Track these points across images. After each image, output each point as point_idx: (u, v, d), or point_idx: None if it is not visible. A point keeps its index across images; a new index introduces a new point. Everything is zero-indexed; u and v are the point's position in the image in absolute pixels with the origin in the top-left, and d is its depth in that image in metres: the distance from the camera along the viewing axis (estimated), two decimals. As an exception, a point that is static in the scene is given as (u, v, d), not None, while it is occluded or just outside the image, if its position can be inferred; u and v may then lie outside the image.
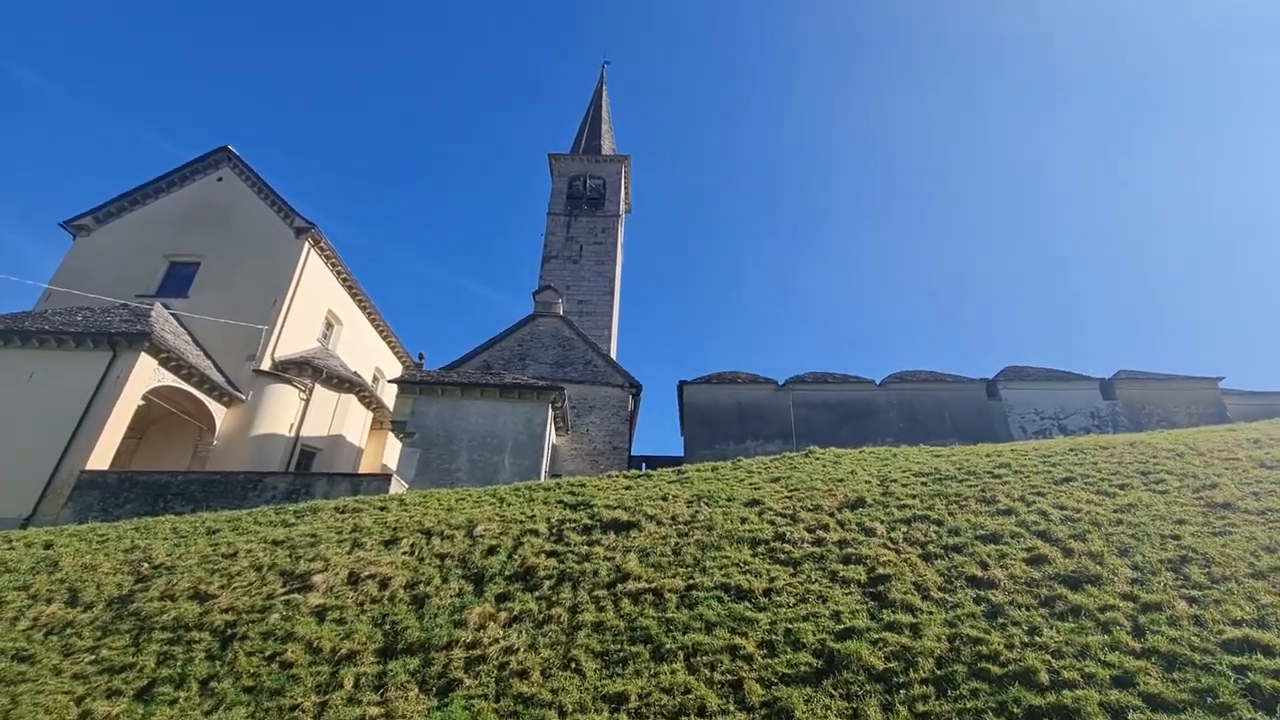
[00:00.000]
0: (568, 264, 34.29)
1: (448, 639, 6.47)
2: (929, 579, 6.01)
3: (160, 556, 10.02)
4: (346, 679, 6.00)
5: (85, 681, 6.82)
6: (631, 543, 8.32)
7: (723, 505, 9.42)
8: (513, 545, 8.88)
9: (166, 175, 23.87)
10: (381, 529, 10.10)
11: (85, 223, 22.82)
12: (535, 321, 20.97)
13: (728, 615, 5.93)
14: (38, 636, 8.09)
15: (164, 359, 16.60)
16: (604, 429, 18.73)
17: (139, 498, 13.89)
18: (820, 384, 18.31)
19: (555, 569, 7.86)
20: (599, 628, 6.17)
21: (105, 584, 9.30)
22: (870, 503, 8.59)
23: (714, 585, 6.62)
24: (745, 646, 5.34)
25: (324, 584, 8.20)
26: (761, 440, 17.45)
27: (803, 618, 5.66)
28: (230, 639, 7.18)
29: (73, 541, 11.24)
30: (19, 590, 9.40)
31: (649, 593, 6.71)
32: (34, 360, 16.03)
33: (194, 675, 6.53)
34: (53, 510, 13.99)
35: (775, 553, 7.31)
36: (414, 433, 15.73)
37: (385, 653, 6.50)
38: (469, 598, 7.44)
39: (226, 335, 20.34)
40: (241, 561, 9.35)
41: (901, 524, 7.65)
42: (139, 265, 21.95)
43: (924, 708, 4.21)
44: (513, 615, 6.83)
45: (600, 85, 45.32)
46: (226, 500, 13.66)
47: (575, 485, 12.08)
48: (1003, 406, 17.61)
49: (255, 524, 11.35)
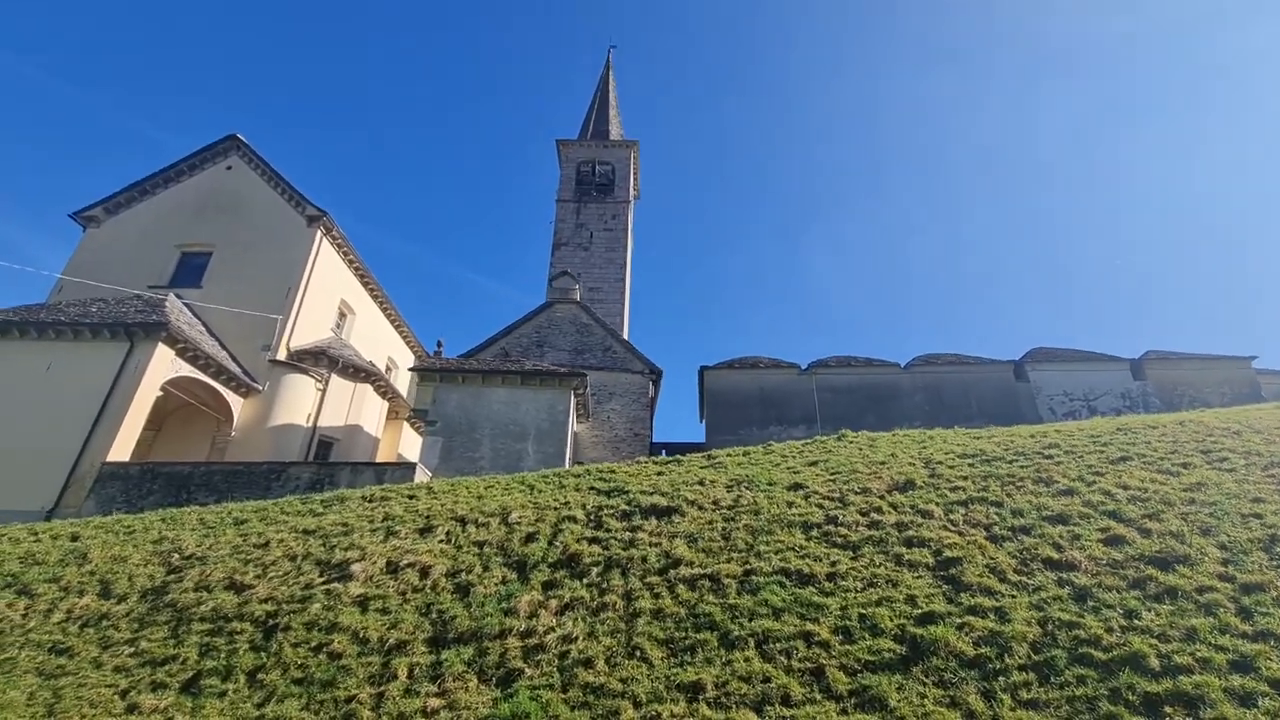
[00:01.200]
0: (578, 251, 33.94)
1: (499, 628, 6.29)
2: (1002, 561, 5.78)
3: (190, 547, 9.87)
4: (400, 669, 5.82)
5: (127, 674, 6.66)
6: (676, 528, 8.11)
7: (764, 489, 9.20)
8: (552, 532, 8.68)
9: (175, 165, 23.57)
10: (414, 517, 9.92)
11: (95, 214, 22.57)
12: (552, 308, 20.71)
13: (794, 600, 5.72)
14: (73, 629, 7.95)
15: (181, 349, 16.42)
16: (625, 416, 18.51)
17: (162, 489, 13.75)
18: (844, 368, 18.04)
19: (600, 555, 7.66)
20: (658, 615, 5.97)
21: (137, 575, 9.15)
22: (920, 485, 8.36)
23: (773, 570, 6.41)
24: (819, 633, 5.13)
25: (363, 573, 8.03)
26: (785, 425, 17.23)
27: (875, 602, 5.44)
28: (273, 630, 7.01)
29: (100, 533, 11.11)
30: (49, 582, 9.26)
31: (705, 579, 6.51)
32: (50, 352, 15.86)
33: (240, 667, 6.36)
34: (75, 502, 13.86)
35: (830, 536, 7.09)
36: (436, 421, 15.54)
37: (436, 642, 6.31)
38: (514, 586, 7.25)
39: (240, 325, 20.14)
40: (275, 551, 9.18)
41: (958, 506, 7.42)
42: (150, 256, 21.71)
43: (1028, 695, 3.99)
44: (564, 603, 6.64)
45: (606, 70, 44.71)
46: (250, 490, 13.50)
47: (605, 471, 11.89)
48: (1030, 388, 17.34)
49: (283, 514, 11.20)
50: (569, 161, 37.06)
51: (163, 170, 23.49)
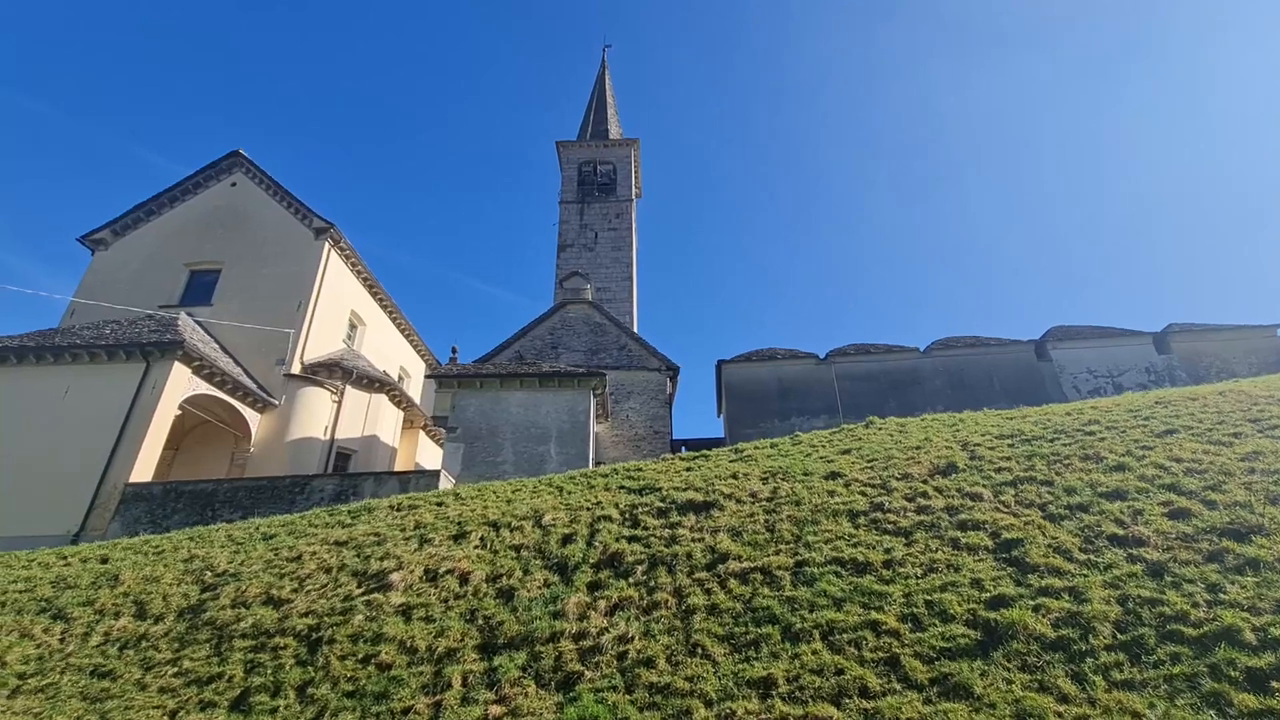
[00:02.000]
0: (584, 252, 33.86)
1: (550, 631, 6.16)
2: (1065, 541, 5.63)
3: (222, 564, 9.79)
4: (453, 677, 5.70)
5: (173, 694, 6.56)
6: (716, 523, 7.98)
7: (801, 480, 9.06)
8: (589, 533, 8.56)
9: (180, 184, 23.56)
10: (446, 524, 9.82)
11: (103, 236, 22.58)
12: (565, 309, 20.58)
13: (853, 590, 5.58)
14: (112, 651, 7.86)
15: (197, 367, 16.36)
16: (644, 414, 18.37)
17: (186, 508, 13.68)
18: (863, 355, 17.85)
19: (643, 554, 7.53)
20: (713, 611, 5.84)
21: (171, 595, 9.06)
22: (962, 468, 8.20)
23: (825, 560, 6.27)
24: (885, 621, 4.99)
25: (402, 582, 7.92)
26: (806, 416, 17.06)
27: (939, 588, 5.29)
28: (317, 643, 6.90)
29: (128, 554, 11.04)
30: (84, 606, 9.19)
31: (756, 572, 6.37)
32: (67, 376, 15.83)
33: (288, 682, 6.26)
34: (101, 524, 13.81)
35: (879, 524, 6.95)
36: (456, 427, 15.44)
37: (486, 649, 6.19)
38: (558, 588, 7.12)
39: (253, 341, 20.11)
40: (309, 565, 9.09)
41: (1007, 487, 7.26)
42: (160, 276, 21.71)
43: (1121, 675, 3.85)
44: (612, 603, 6.51)
45: (603, 70, 44.63)
46: (274, 505, 13.42)
47: (632, 470, 11.77)
48: (1053, 367, 17.12)
49: (310, 526, 11.12)
50: (570, 163, 36.98)
51: (168, 190, 23.49)
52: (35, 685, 7.34)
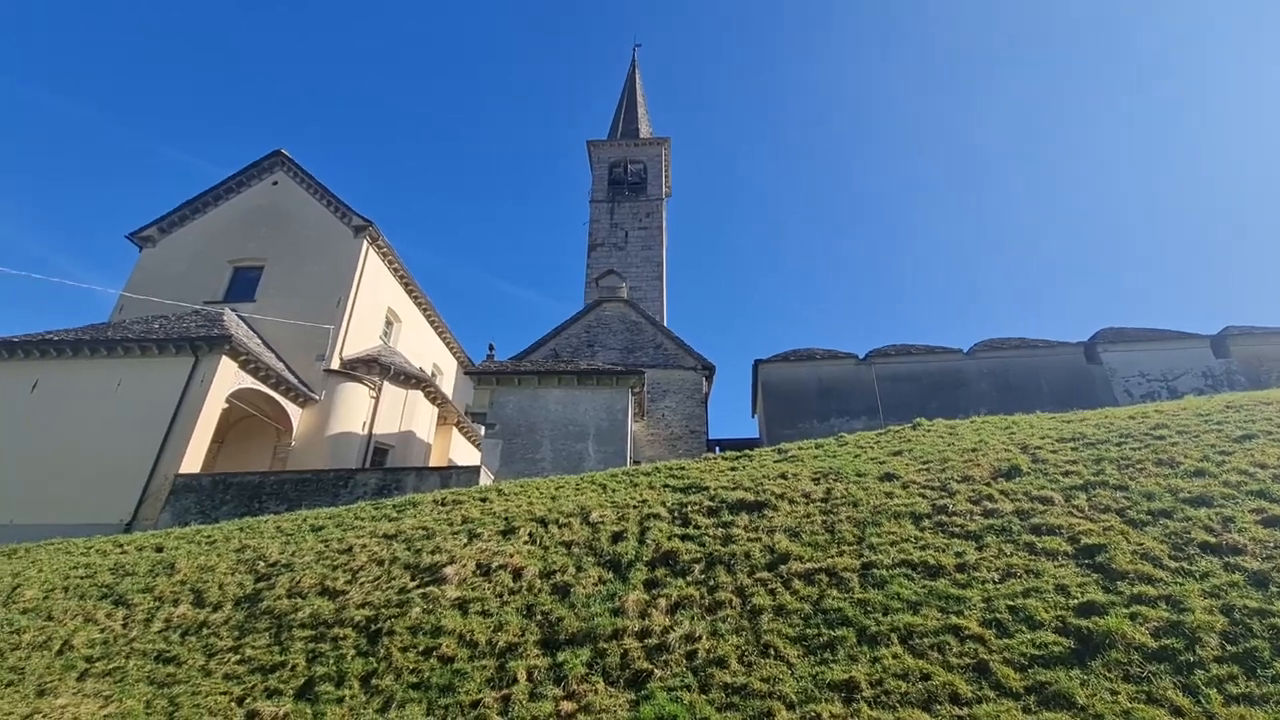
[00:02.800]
0: (614, 251, 33.85)
1: (612, 628, 6.11)
2: (1153, 548, 5.41)
3: (274, 555, 9.94)
4: (518, 672, 5.68)
5: (239, 681, 6.65)
6: (771, 523, 7.86)
7: (854, 481, 8.88)
8: (639, 530, 8.50)
9: (224, 182, 24.10)
10: (493, 519, 9.84)
11: (150, 234, 23.18)
12: (600, 307, 20.57)
13: (928, 593, 5.43)
14: (175, 637, 8.02)
15: (243, 362, 16.69)
16: (680, 413, 18.28)
17: (234, 499, 13.95)
18: (904, 356, 17.53)
19: (698, 553, 7.45)
20: (781, 611, 5.73)
21: (227, 584, 9.22)
22: (1026, 471, 7.96)
23: (894, 563, 6.12)
24: (967, 626, 4.83)
25: (456, 576, 7.94)
26: (846, 417, 16.80)
27: (1021, 594, 5.12)
28: (376, 634, 6.95)
29: (182, 544, 11.28)
30: (143, 593, 9.40)
31: (821, 573, 6.25)
32: (120, 369, 16.26)
33: (352, 673, 6.30)
34: (152, 514, 14.15)
35: (945, 527, 6.77)
36: (495, 424, 15.52)
37: (547, 644, 6.17)
38: (615, 585, 7.07)
39: (293, 336, 20.45)
40: (360, 557, 9.17)
41: (1078, 491, 7.02)
42: (205, 272, 22.21)
43: (1238, 689, 3.66)
44: (672, 602, 6.43)
45: (633, 69, 44.61)
46: (319, 498, 13.62)
47: (675, 468, 11.69)
48: (1104, 370, 16.62)
49: (357, 519, 11.23)
50: (600, 162, 37.01)
51: (212, 188, 24.04)
52: (103, 669, 7.52)
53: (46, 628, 8.67)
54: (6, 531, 13.39)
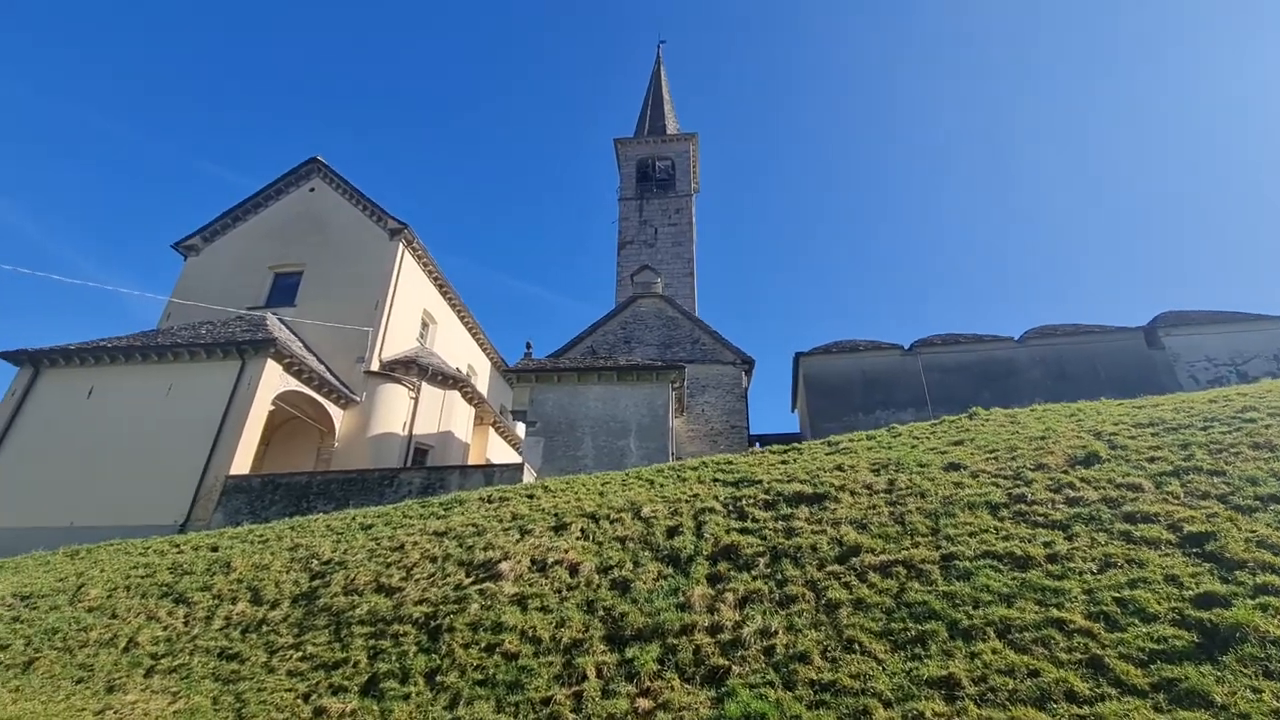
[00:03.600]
0: (644, 248, 33.66)
1: (679, 623, 5.91)
2: (1269, 535, 5.01)
3: (326, 553, 9.97)
4: (587, 668, 5.52)
5: (302, 678, 6.62)
6: (834, 515, 7.57)
7: (917, 471, 8.54)
8: (695, 525, 8.29)
9: (263, 190, 24.57)
10: (542, 515, 9.73)
11: (194, 243, 23.75)
12: (636, 303, 20.41)
13: (1020, 585, 5.11)
14: (235, 634, 8.06)
15: (288, 364, 16.93)
16: (720, 408, 18.01)
17: (283, 499, 14.13)
18: (951, 345, 16.98)
19: (760, 546, 7.20)
20: (860, 605, 5.46)
21: (283, 582, 9.27)
22: (1106, 458, 7.53)
23: (976, 554, 5.80)
24: (1071, 620, 4.51)
25: (511, 572, 7.83)
26: (892, 409, 16.33)
27: (1127, 585, 4.77)
28: (436, 631, 6.86)
29: (236, 543, 11.42)
30: (202, 591, 9.51)
31: (897, 566, 5.96)
32: (170, 373, 16.63)
33: (415, 669, 6.21)
34: (205, 515, 14.40)
35: (1026, 516, 6.41)
36: (535, 421, 15.46)
37: (613, 640, 5.99)
38: (677, 580, 6.87)
39: (333, 339, 20.73)
40: (413, 554, 9.14)
41: (1169, 477, 6.59)
42: (246, 278, 22.66)
43: (1403, 686, 3.30)
44: (739, 596, 6.21)
45: (658, 66, 44.37)
46: (365, 497, 13.71)
47: (722, 463, 11.45)
48: (1166, 356, 15.86)
49: (405, 518, 11.24)
50: (628, 160, 36.86)
51: (251, 197, 24.53)
52: (168, 665, 7.59)
53: (112, 625, 8.82)
54: (68, 534, 13.76)
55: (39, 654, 8.27)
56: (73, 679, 7.56)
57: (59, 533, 13.89)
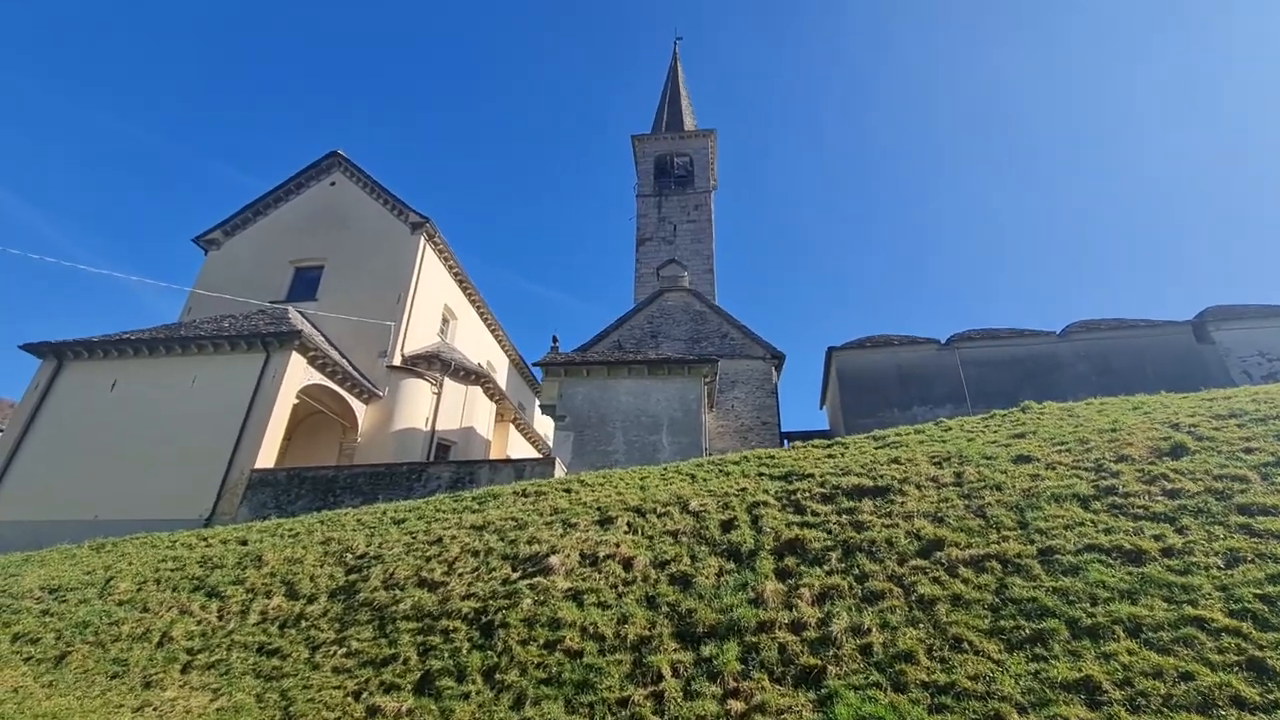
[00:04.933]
0: (663, 245, 33.29)
1: (756, 620, 5.53)
2: None
3: (360, 547, 9.66)
4: (660, 666, 5.14)
5: (350, 675, 6.29)
6: (904, 508, 7.16)
7: (983, 464, 8.11)
8: (749, 519, 7.91)
9: (283, 184, 24.39)
10: (584, 509, 9.37)
11: (215, 237, 23.59)
12: (663, 297, 20.03)
13: (1141, 581, 4.69)
14: (273, 630, 7.75)
15: (312, 358, 16.68)
16: (750, 404, 17.60)
17: (309, 493, 13.85)
18: (990, 340, 16.49)
19: (828, 540, 6.81)
20: (958, 602, 5.06)
21: (318, 576, 8.96)
22: (1193, 449, 7.08)
23: (1078, 548, 5.38)
24: (1212, 618, 4.10)
25: (561, 566, 7.47)
26: (930, 405, 15.87)
27: (1266, 580, 4.35)
28: (489, 627, 6.51)
29: (265, 537, 11.13)
30: (235, 584, 9.21)
31: (991, 560, 5.55)
32: (194, 366, 16.41)
33: (471, 666, 5.86)
34: (230, 509, 14.14)
35: (1122, 509, 5.98)
36: (564, 415, 15.11)
37: (684, 637, 5.62)
38: (743, 575, 6.49)
39: (355, 334, 20.46)
40: (453, 548, 8.80)
41: (1273, 468, 6.15)
42: (268, 272, 22.46)
43: None
44: (816, 592, 5.82)
45: (674, 62, 44.03)
46: (393, 491, 13.40)
47: (765, 457, 11.07)
48: (1217, 350, 15.31)
49: (438, 512, 10.92)
50: (645, 156, 36.54)
51: (272, 191, 24.35)
52: (205, 661, 7.28)
53: (144, 619, 8.52)
54: (93, 527, 13.53)
55: (70, 648, 7.98)
56: (107, 674, 7.25)
57: (83, 526, 13.67)
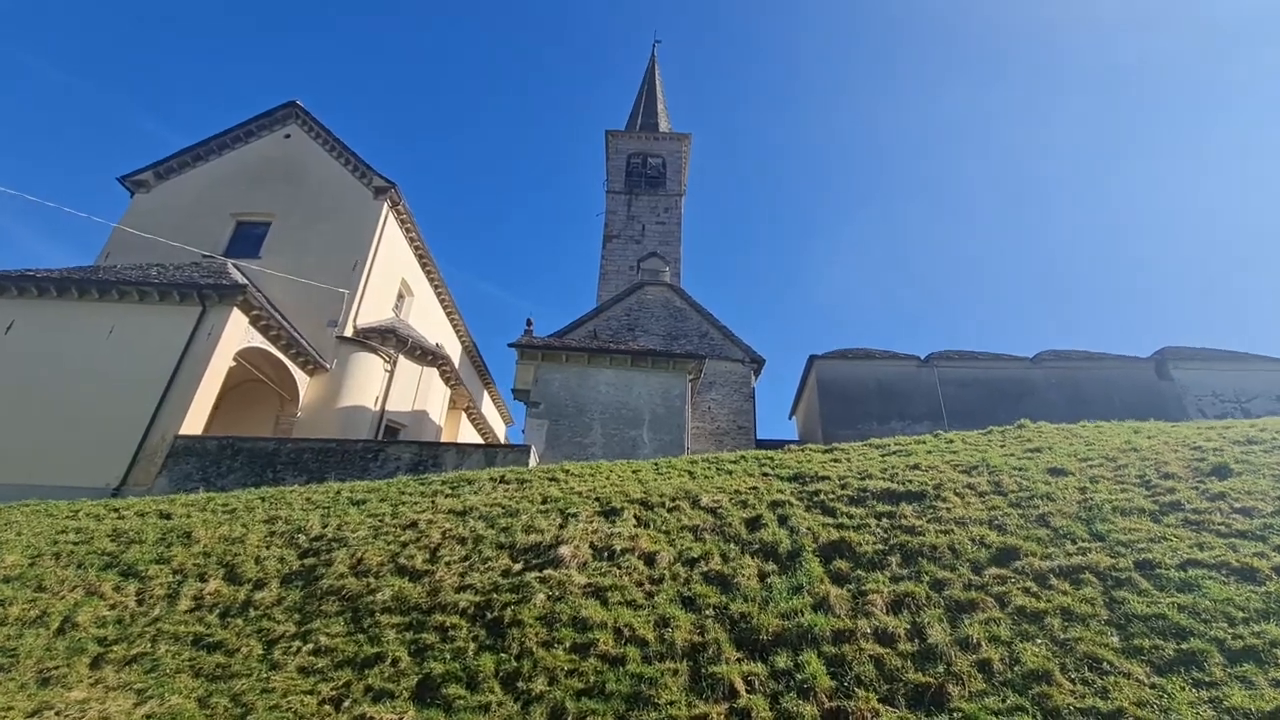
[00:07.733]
0: (630, 244, 32.53)
1: (829, 629, 4.79)
2: None
3: (316, 528, 8.38)
4: (730, 678, 4.32)
5: (322, 677, 5.12)
6: (952, 514, 6.66)
7: (1015, 473, 7.76)
8: (776, 518, 7.25)
9: (230, 130, 22.07)
10: (581, 500, 8.46)
11: (145, 178, 21.05)
12: (643, 290, 19.23)
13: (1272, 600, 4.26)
14: (213, 619, 6.42)
15: (255, 317, 14.89)
16: (727, 407, 17.02)
17: (244, 467, 12.18)
18: (968, 361, 16.62)
19: (878, 544, 6.21)
20: (1070, 616, 4.49)
21: (265, 558, 7.64)
22: (1237, 470, 6.92)
23: (1179, 563, 4.96)
24: (1377, 643, 3.67)
25: (573, 559, 6.53)
26: (908, 420, 15.78)
27: None
28: (498, 625, 5.50)
29: (193, 511, 9.57)
30: (158, 564, 7.75)
31: (1085, 572, 5.04)
32: (114, 314, 14.30)
33: (484, 672, 4.84)
34: (145, 479, 12.26)
35: (1201, 525, 5.64)
36: (539, 402, 14.03)
37: (745, 645, 4.82)
38: (793, 577, 5.77)
39: (301, 299, 18.54)
40: (433, 534, 7.68)
41: (1332, 492, 5.98)
42: (205, 223, 20.13)
43: None
44: (888, 600, 5.16)
45: (652, 65, 43.59)
46: (345, 470, 11.95)
47: (764, 458, 10.51)
48: (1175, 388, 15.97)
49: (403, 494, 9.71)
50: (618, 153, 35.78)
51: (216, 136, 21.98)
52: (123, 654, 5.89)
53: (39, 600, 6.95)
54: (-33, 490, 11.37)
55: (-64, 633, 6.35)
56: (-13, 667, 5.74)
57: (-46, 489, 11.47)
